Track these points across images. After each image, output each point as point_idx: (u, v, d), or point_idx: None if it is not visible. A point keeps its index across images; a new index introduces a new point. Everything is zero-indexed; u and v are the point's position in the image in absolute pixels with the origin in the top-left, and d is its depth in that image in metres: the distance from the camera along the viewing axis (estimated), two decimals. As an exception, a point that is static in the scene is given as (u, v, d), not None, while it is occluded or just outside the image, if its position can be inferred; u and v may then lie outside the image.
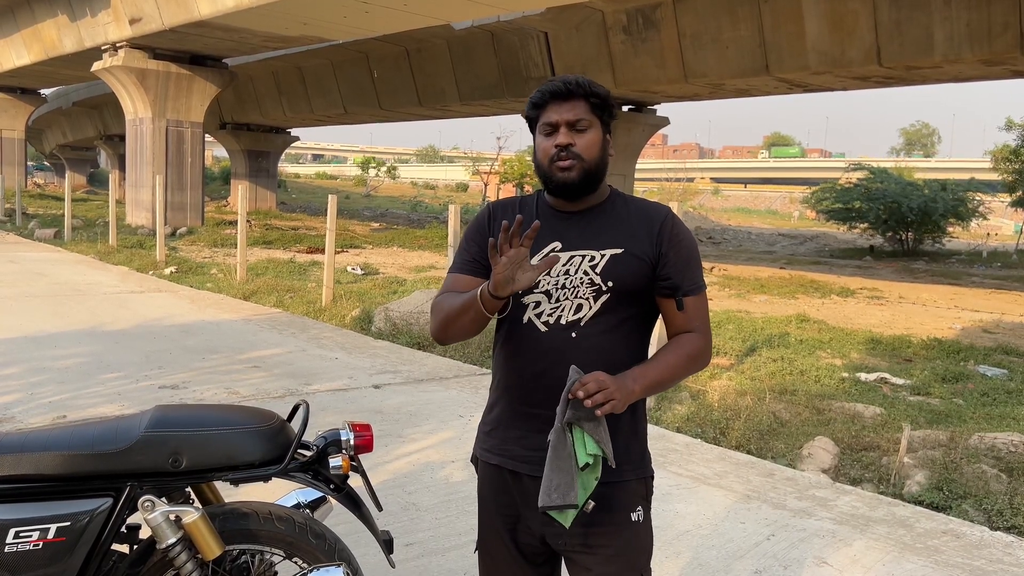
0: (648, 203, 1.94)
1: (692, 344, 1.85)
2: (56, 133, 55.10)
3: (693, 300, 1.87)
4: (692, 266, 1.88)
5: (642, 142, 23.87)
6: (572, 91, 1.81)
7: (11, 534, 1.84)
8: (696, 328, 1.87)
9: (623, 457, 1.84)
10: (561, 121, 1.81)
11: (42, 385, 5.70)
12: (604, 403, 1.63)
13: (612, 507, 1.85)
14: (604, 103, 1.84)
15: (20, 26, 24.52)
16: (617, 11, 18.53)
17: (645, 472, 1.93)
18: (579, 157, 1.81)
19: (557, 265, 1.83)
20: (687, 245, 1.88)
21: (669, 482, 4.39)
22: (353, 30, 17.25)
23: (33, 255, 14.54)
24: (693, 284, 1.87)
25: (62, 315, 8.49)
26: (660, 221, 1.88)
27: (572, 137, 1.81)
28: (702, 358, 1.88)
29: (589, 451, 1.66)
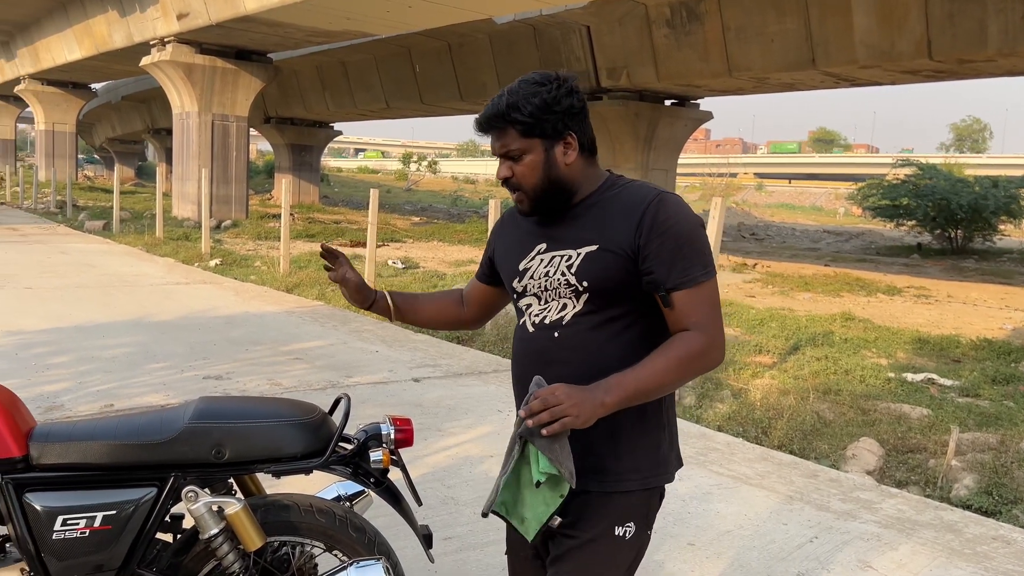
0: (640, 190, 1.74)
1: (687, 344, 1.65)
2: (105, 127, 56.27)
3: (686, 295, 1.67)
4: (683, 256, 1.66)
5: (684, 137, 23.62)
6: (492, 124, 1.72)
7: (59, 521, 1.88)
8: (693, 325, 1.67)
9: (625, 464, 1.73)
10: (495, 152, 1.75)
11: (90, 374, 5.82)
12: (552, 422, 1.51)
13: (597, 514, 1.72)
14: (536, 122, 1.68)
15: (72, 22, 25.06)
16: (660, 4, 18.35)
17: (649, 483, 1.76)
18: (520, 187, 1.74)
19: (540, 267, 1.77)
20: (676, 233, 1.67)
21: (710, 481, 4.34)
22: (396, 24, 17.33)
23: (83, 246, 14.86)
24: (683, 277, 1.66)
25: (110, 305, 8.66)
26: (642, 209, 1.69)
27: (509, 167, 1.73)
28: (702, 359, 1.67)
29: (541, 468, 1.55)
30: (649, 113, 21.47)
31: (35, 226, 18.95)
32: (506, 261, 1.88)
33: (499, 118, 1.70)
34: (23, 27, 29.71)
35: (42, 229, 18.23)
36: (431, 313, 2.11)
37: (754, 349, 7.94)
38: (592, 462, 1.71)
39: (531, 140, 1.70)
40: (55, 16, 26.26)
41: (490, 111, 1.72)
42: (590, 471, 1.70)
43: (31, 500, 1.88)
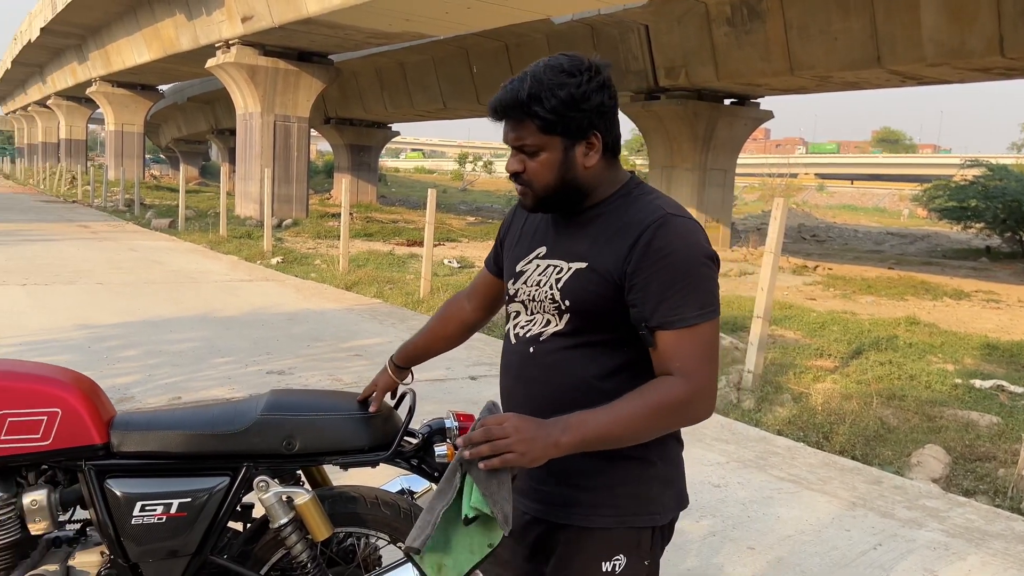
0: (647, 207, 1.54)
1: (665, 391, 1.45)
2: (171, 127, 57.81)
3: (672, 336, 1.46)
4: (676, 292, 1.45)
5: (744, 136, 23.28)
6: (508, 111, 1.52)
7: (137, 507, 1.95)
8: (676, 371, 1.46)
9: (601, 498, 1.56)
10: (508, 143, 1.56)
11: (159, 367, 6.00)
12: (492, 456, 1.36)
13: (578, 550, 1.58)
14: (561, 118, 1.49)
15: (141, 25, 25.80)
16: (721, 3, 18.12)
17: (635, 521, 1.56)
18: (528, 184, 1.56)
19: (534, 274, 1.62)
20: (671, 264, 1.46)
21: (771, 485, 4.29)
22: (454, 26, 17.44)
23: (150, 243, 15.30)
24: (671, 315, 1.45)
25: (177, 301, 8.91)
26: (639, 231, 1.48)
27: (521, 161, 1.55)
28: (683, 410, 1.46)
29: (472, 503, 1.38)
30: (708, 112, 21.21)
31: (105, 224, 19.57)
32: (509, 256, 1.73)
33: (517, 108, 1.51)
34: (95, 31, 30.69)
35: (112, 227, 18.82)
36: (435, 337, 1.99)
37: (815, 353, 7.81)
38: (565, 492, 1.58)
39: (550, 137, 1.51)
40: (125, 20, 27.07)
41: (508, 98, 1.51)
42: (563, 502, 1.59)
43: (112, 486, 1.96)
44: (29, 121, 61.39)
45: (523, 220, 1.74)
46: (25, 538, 1.96)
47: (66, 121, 46.39)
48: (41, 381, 1.96)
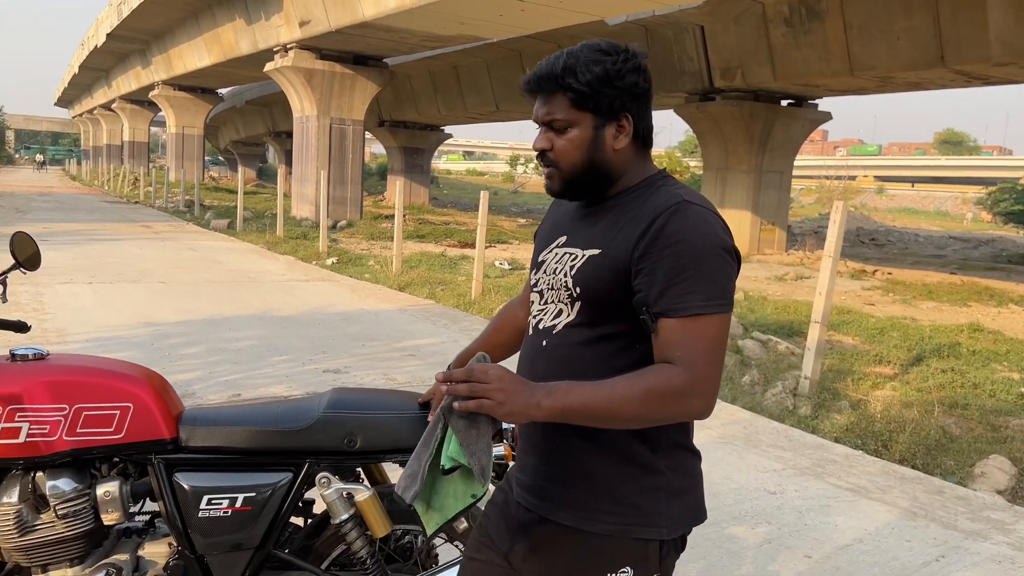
0: (666, 195, 1.49)
1: (661, 377, 1.37)
2: (230, 130, 59.07)
3: (675, 324, 1.39)
4: (683, 280, 1.39)
5: (801, 138, 22.89)
6: (541, 84, 1.50)
7: (204, 500, 2.01)
8: (677, 360, 1.38)
9: (603, 504, 1.49)
10: (537, 119, 1.53)
11: (219, 364, 6.14)
12: (469, 398, 1.31)
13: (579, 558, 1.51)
14: (592, 92, 1.46)
15: (202, 30, 26.42)
16: (779, 3, 17.85)
17: (640, 532, 1.48)
18: (555, 164, 1.52)
19: (552, 262, 1.59)
20: (680, 251, 1.40)
21: (828, 493, 4.22)
22: (508, 28, 17.49)
23: (209, 243, 15.66)
24: (676, 303, 1.39)
25: (236, 300, 9.10)
26: (652, 216, 1.43)
27: (549, 139, 1.51)
28: (677, 400, 1.37)
29: (450, 453, 1.35)
30: (764, 114, 20.92)
31: (166, 224, 20.08)
32: (536, 248, 1.70)
33: (551, 80, 1.48)
34: (158, 36, 31.53)
35: (172, 227, 19.30)
36: (490, 344, 1.93)
37: (874, 359, 7.65)
38: (564, 490, 1.53)
39: (582, 113, 1.48)
40: (187, 25, 27.75)
41: (542, 70, 1.49)
42: (562, 499, 1.53)
43: (180, 480, 2.02)
44: (94, 124, 63.32)
45: (553, 216, 1.72)
46: (98, 528, 2.03)
47: (129, 124, 47.73)
48: (114, 377, 2.03)
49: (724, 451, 4.83)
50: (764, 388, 6.48)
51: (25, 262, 2.31)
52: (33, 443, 1.93)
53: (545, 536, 1.54)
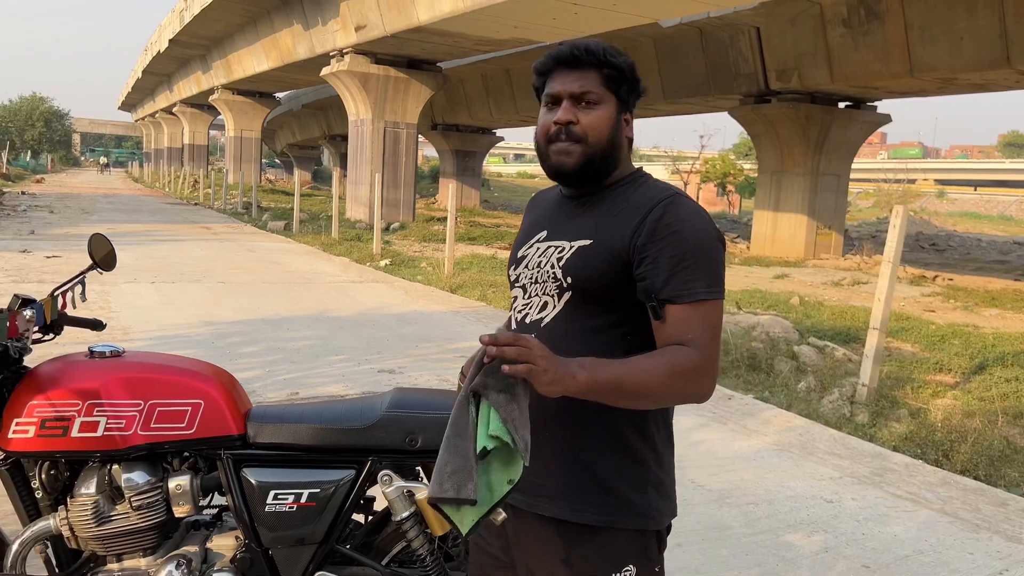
0: (655, 188, 1.55)
1: (681, 357, 1.40)
2: (286, 133, 60.13)
3: (682, 309, 1.43)
4: (686, 267, 1.44)
5: (859, 141, 22.45)
6: (579, 58, 1.53)
7: (271, 495, 2.07)
8: (689, 342, 1.42)
9: (610, 498, 1.50)
10: (564, 93, 1.53)
11: (277, 364, 6.27)
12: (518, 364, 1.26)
13: (584, 555, 1.51)
14: (623, 76, 1.54)
15: (260, 35, 26.96)
16: (837, 3, 17.56)
17: (636, 523, 1.51)
18: (582, 139, 1.52)
19: (534, 256, 1.60)
20: (681, 239, 1.44)
21: (886, 503, 4.15)
22: (562, 31, 17.50)
23: (267, 245, 15.97)
24: (682, 289, 1.43)
25: (293, 300, 9.28)
26: (648, 207, 1.48)
27: (575, 113, 1.52)
28: (694, 379, 1.41)
29: (491, 431, 1.27)
30: (821, 116, 20.57)
31: (225, 225, 20.53)
32: (515, 245, 1.72)
33: (591, 54, 1.53)
34: (218, 41, 32.26)
35: (231, 228, 19.73)
36: None
37: (934, 367, 7.48)
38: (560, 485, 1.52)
39: (610, 93, 1.54)
40: (246, 31, 28.35)
41: (582, 44, 1.54)
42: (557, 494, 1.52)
43: (247, 475, 2.09)
44: (156, 127, 65.02)
45: (531, 212, 1.75)
46: (170, 520, 2.10)
47: (190, 127, 48.90)
48: (187, 374, 2.11)
49: (779, 458, 4.78)
50: (820, 395, 6.38)
51: (101, 263, 2.40)
52: (110, 437, 2.01)
53: (548, 535, 1.53)
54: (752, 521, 3.83)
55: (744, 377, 6.86)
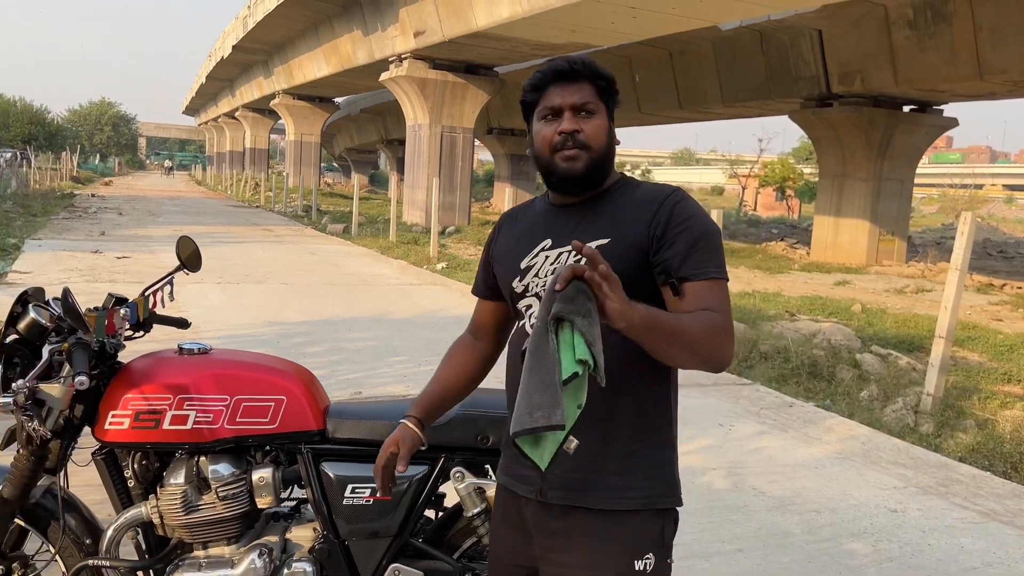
0: (656, 186, 1.68)
1: (711, 316, 1.50)
2: (345, 137, 61.04)
3: (699, 284, 1.53)
4: (699, 250, 1.55)
5: (924, 145, 21.93)
6: (578, 71, 1.64)
7: (348, 489, 2.15)
8: (711, 309, 1.52)
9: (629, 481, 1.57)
10: (565, 105, 1.63)
11: (340, 364, 6.41)
12: (600, 284, 1.28)
13: (605, 545, 1.57)
14: (610, 87, 1.67)
15: (321, 41, 27.48)
16: (902, 5, 17.20)
17: (660, 502, 1.60)
18: (585, 146, 1.62)
19: (545, 264, 1.66)
20: (693, 227, 1.57)
21: (953, 515, 4.08)
22: (619, 35, 17.49)
23: (327, 247, 16.27)
24: (698, 268, 1.54)
25: (353, 302, 9.46)
26: (660, 201, 1.61)
27: (578, 123, 1.62)
28: (724, 336, 1.50)
29: (578, 355, 1.29)
30: (884, 120, 20.15)
31: (286, 228, 20.96)
32: (505, 259, 1.76)
33: (587, 67, 1.64)
34: (280, 47, 32.96)
35: (292, 231, 20.14)
36: (451, 386, 1.94)
37: (1002, 377, 7.30)
38: (591, 478, 1.58)
39: (602, 104, 1.66)
40: (307, 37, 28.91)
41: (576, 58, 1.66)
42: (588, 487, 1.58)
43: (326, 469, 2.17)
44: (218, 131, 66.63)
45: (513, 227, 1.80)
46: (252, 510, 2.20)
47: (251, 131, 50.01)
48: (271, 371, 2.21)
49: (842, 467, 4.73)
50: (883, 404, 6.29)
51: (188, 264, 2.52)
52: (198, 430, 2.12)
53: (570, 529, 1.59)
54: (814, 529, 3.81)
55: (805, 385, 6.79)
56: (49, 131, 70.04)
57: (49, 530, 2.27)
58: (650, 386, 1.63)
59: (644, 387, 1.61)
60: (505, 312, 1.85)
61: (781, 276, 16.47)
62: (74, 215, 21.10)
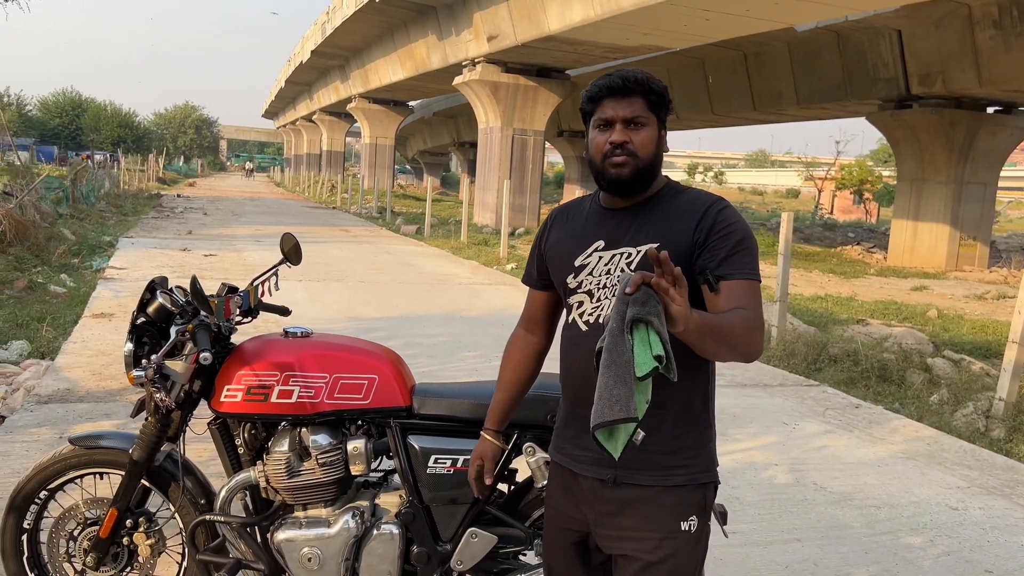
0: (700, 193, 1.85)
1: (745, 313, 1.67)
2: (418, 140, 62.05)
3: (735, 283, 1.71)
4: (738, 253, 1.73)
5: (1009, 147, 21.26)
6: (630, 87, 1.78)
7: (432, 459, 2.40)
8: (744, 307, 1.69)
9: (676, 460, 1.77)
10: (617, 117, 1.79)
11: (415, 357, 6.67)
12: (668, 289, 1.42)
13: (656, 512, 1.77)
14: (661, 100, 1.81)
15: (397, 46, 28.10)
16: (987, 3, 16.76)
17: (703, 477, 1.81)
18: (634, 155, 1.78)
19: (599, 265, 1.82)
20: (734, 232, 1.75)
21: (1016, 514, 4.13)
22: (692, 37, 17.49)
23: (401, 247, 16.72)
24: (735, 268, 1.72)
25: (427, 300, 9.79)
26: (704, 209, 1.78)
27: (628, 134, 1.78)
28: (757, 331, 1.68)
29: (655, 352, 1.43)
30: (967, 122, 19.63)
31: (361, 228, 21.55)
32: (560, 254, 1.91)
33: (639, 84, 1.78)
34: (356, 52, 33.79)
35: (367, 231, 20.70)
36: (518, 385, 2.17)
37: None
38: (643, 458, 1.76)
39: (652, 116, 1.80)
40: (383, 41, 29.60)
41: (630, 74, 1.79)
42: (641, 466, 1.77)
43: (412, 441, 2.42)
44: (296, 134, 68.43)
45: (565, 224, 1.97)
46: (347, 477, 2.46)
47: (328, 134, 51.26)
48: (365, 353, 2.47)
49: (905, 466, 4.79)
50: (953, 408, 6.27)
51: (291, 257, 2.81)
52: (301, 403, 2.39)
53: (625, 498, 1.79)
54: (873, 523, 3.92)
55: (874, 388, 6.80)
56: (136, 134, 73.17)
57: (170, 490, 2.57)
58: (693, 380, 1.81)
59: (688, 381, 1.77)
60: (555, 302, 2.05)
61: (856, 281, 16.23)
62: (162, 215, 22.10)
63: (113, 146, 61.86)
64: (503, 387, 2.18)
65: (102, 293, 9.12)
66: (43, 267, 10.82)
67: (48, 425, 4.65)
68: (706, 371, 1.86)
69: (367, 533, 2.43)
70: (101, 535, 2.55)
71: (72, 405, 5.07)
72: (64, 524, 2.62)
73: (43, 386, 5.44)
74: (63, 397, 5.23)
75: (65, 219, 16.51)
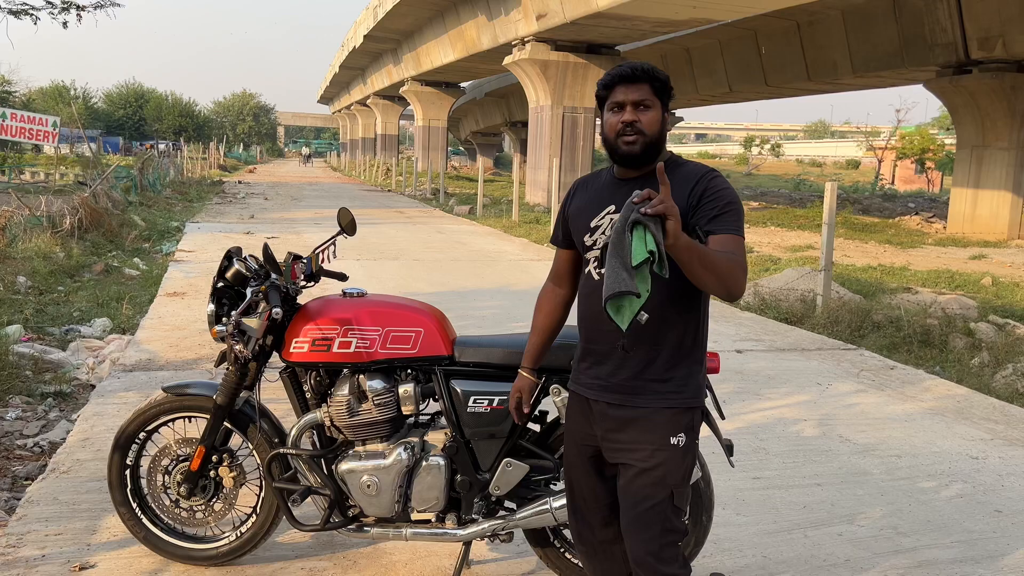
0: (696, 165, 2.17)
1: (730, 255, 1.97)
2: (470, 121, 62.40)
3: (722, 237, 2.01)
4: (726, 214, 2.05)
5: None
6: (638, 75, 2.12)
7: (471, 400, 2.75)
8: (730, 253, 1.99)
9: (668, 387, 2.11)
10: (627, 100, 2.12)
11: (466, 328, 6.95)
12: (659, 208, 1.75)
13: (650, 428, 2.11)
14: (664, 86, 2.14)
15: (447, 28, 28.43)
16: (1046, -37, 16.37)
17: (691, 402, 2.15)
18: (642, 132, 2.11)
19: (610, 226, 2.09)
20: (723, 197, 2.07)
21: (1034, 462, 4.31)
22: (742, 9, 17.43)
23: (454, 227, 17.14)
24: (723, 225, 2.03)
25: (479, 276, 10.17)
26: (698, 177, 2.11)
27: (637, 115, 2.11)
28: (740, 270, 1.97)
29: (648, 247, 1.75)
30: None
31: (416, 209, 22.05)
32: (579, 217, 2.25)
33: (646, 72, 2.12)
34: (408, 35, 34.22)
35: (421, 212, 21.18)
36: (549, 331, 2.51)
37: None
38: (640, 385, 2.12)
39: (657, 100, 2.14)
40: (434, 24, 29.96)
41: (638, 65, 2.15)
42: (640, 391, 2.12)
43: (454, 385, 2.78)
44: (351, 119, 69.35)
45: (585, 192, 2.30)
46: (399, 417, 2.84)
47: (382, 118, 51.94)
48: (412, 309, 2.84)
49: (932, 420, 5.00)
50: (994, 371, 6.40)
51: (347, 229, 3.18)
52: (358, 353, 2.77)
53: (626, 417, 2.15)
54: (892, 470, 4.16)
55: (916, 353, 6.95)
56: (197, 122, 75.09)
57: (248, 430, 2.98)
58: (686, 319, 2.14)
59: (681, 320, 2.13)
60: (578, 258, 2.35)
61: (912, 251, 16.11)
62: (225, 200, 22.92)
63: (175, 135, 63.61)
64: (536, 332, 2.53)
65: (174, 274, 9.71)
66: (117, 251, 11.52)
67: (134, 390, 5.15)
68: (696, 314, 2.17)
69: (417, 464, 2.80)
70: (192, 469, 2.98)
71: (154, 373, 5.58)
72: (160, 460, 3.05)
73: (127, 357, 5.97)
74: (145, 366, 5.75)
75: (135, 206, 17.34)
